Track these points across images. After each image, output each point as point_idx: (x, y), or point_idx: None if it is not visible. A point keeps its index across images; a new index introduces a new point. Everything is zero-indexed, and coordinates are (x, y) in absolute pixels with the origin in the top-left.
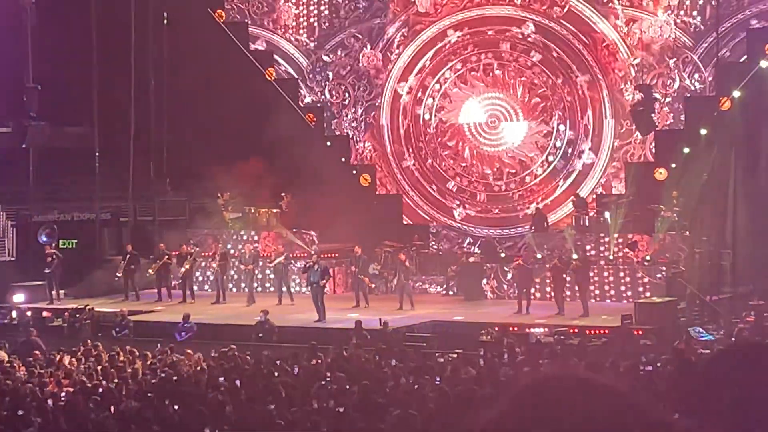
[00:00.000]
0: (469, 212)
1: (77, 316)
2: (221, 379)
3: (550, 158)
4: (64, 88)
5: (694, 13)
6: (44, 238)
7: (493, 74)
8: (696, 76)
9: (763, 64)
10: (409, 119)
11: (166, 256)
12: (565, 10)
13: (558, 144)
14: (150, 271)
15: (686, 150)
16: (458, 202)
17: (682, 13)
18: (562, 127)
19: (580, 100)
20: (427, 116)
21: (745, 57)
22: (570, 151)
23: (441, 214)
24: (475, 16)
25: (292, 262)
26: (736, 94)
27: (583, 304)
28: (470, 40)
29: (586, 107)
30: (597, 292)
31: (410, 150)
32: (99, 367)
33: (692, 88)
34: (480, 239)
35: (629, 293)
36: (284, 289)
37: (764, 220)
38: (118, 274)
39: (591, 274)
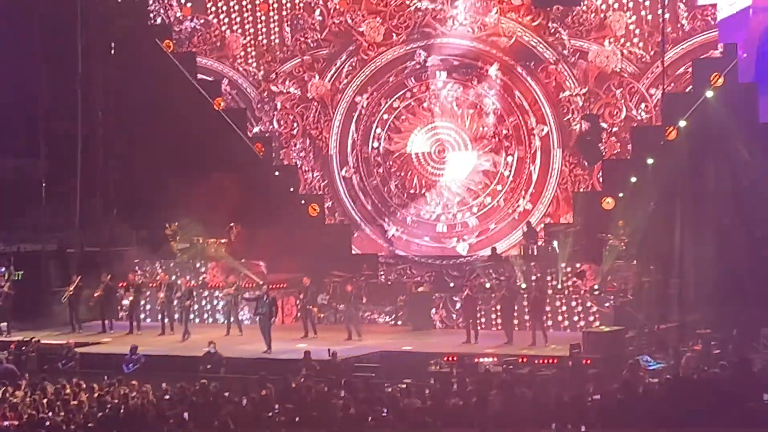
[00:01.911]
0: (470, 242)
1: (23, 348)
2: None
3: (508, 146)
4: (10, 118)
5: (641, 43)
6: (2, 269)
7: (421, 108)
8: (642, 105)
9: (709, 94)
10: (371, 195)
11: (104, 285)
12: (512, 40)
13: (505, 132)
14: (91, 303)
15: (633, 179)
16: (455, 239)
17: (628, 43)
18: (501, 114)
19: (502, 86)
20: (383, 183)
21: (691, 87)
22: (522, 135)
23: (447, 257)
24: (369, 72)
25: (242, 293)
26: (682, 123)
27: (534, 333)
28: (379, 95)
29: (511, 89)
30: (549, 322)
31: (387, 220)
32: (45, 400)
33: (639, 117)
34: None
35: (582, 323)
36: (232, 319)
37: (711, 249)
38: (62, 299)
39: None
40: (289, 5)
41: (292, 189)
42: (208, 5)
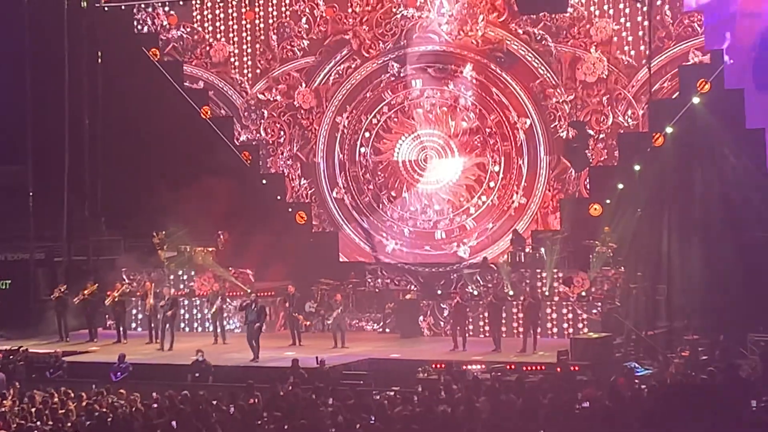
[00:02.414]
0: (471, 244)
1: (11, 357)
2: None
3: (494, 143)
4: None
5: (624, 51)
6: None
7: (399, 119)
8: (629, 112)
9: (695, 100)
10: (365, 212)
11: (87, 289)
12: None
13: (488, 130)
14: (75, 300)
15: (620, 186)
16: (455, 244)
17: (614, 50)
18: (482, 113)
19: (479, 87)
20: (375, 199)
21: (678, 93)
22: (506, 130)
23: (450, 263)
24: (346, 92)
25: (228, 301)
26: (669, 130)
27: (525, 340)
28: (359, 112)
29: (488, 88)
30: (539, 330)
31: (384, 235)
32: (33, 409)
33: (625, 124)
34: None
35: (570, 330)
36: (219, 329)
37: (698, 255)
38: (52, 297)
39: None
40: (275, 13)
41: (279, 197)
42: (194, 14)
